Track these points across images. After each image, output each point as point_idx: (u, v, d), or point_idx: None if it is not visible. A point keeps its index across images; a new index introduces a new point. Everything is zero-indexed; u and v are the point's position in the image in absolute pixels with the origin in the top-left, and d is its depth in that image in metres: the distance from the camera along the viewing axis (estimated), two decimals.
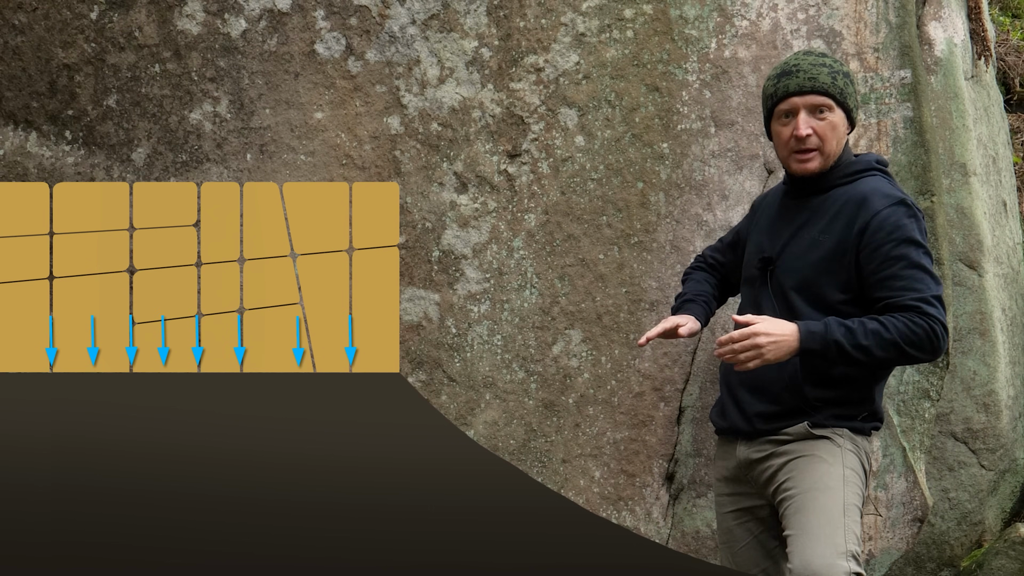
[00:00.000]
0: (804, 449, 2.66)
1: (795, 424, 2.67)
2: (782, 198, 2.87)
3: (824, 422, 2.66)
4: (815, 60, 2.74)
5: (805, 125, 2.69)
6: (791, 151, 2.74)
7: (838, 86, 2.71)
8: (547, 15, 3.30)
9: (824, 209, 2.73)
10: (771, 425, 2.70)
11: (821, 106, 2.71)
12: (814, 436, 2.66)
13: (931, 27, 3.62)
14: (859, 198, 2.69)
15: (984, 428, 3.63)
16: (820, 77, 2.70)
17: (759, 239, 2.85)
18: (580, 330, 3.27)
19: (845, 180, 2.75)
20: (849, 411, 2.68)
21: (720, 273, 3.05)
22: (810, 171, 2.73)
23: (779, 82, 2.75)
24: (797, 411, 2.68)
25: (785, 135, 2.74)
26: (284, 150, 3.23)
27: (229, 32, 3.25)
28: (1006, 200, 3.99)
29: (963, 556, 3.69)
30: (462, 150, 3.28)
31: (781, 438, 2.68)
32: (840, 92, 2.72)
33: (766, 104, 2.81)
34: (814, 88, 2.70)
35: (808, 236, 2.72)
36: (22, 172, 3.25)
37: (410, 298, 3.24)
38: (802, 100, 2.71)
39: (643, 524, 3.26)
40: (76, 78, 3.25)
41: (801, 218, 2.76)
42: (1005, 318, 3.78)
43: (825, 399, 2.67)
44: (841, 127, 2.74)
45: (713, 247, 3.11)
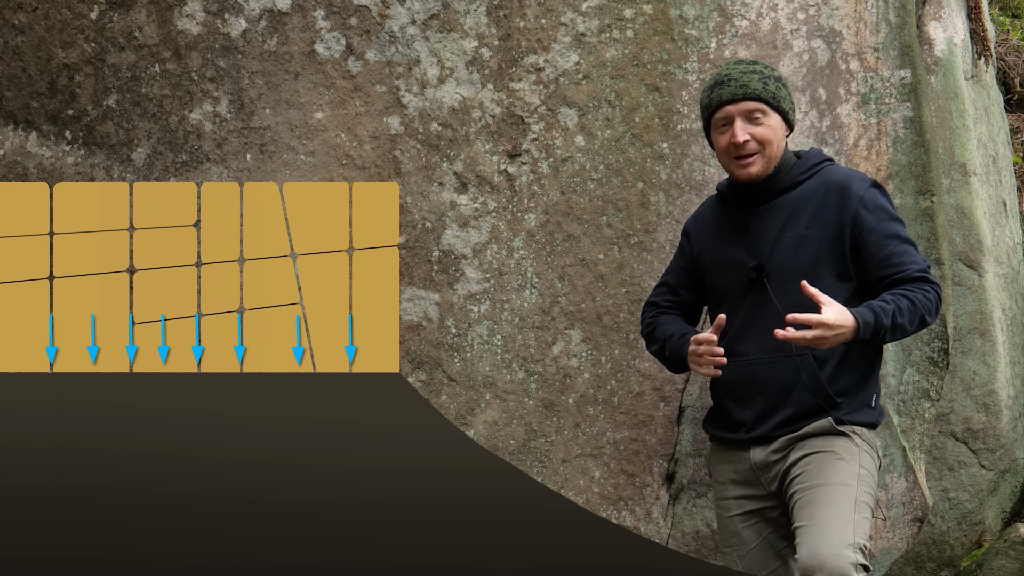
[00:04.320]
0: (823, 445, 2.69)
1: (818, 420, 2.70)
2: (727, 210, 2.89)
3: (844, 419, 2.71)
4: (746, 68, 2.81)
5: (742, 132, 2.76)
6: (731, 158, 2.80)
7: (770, 91, 2.78)
8: (547, 15, 3.30)
9: (801, 205, 2.78)
10: (792, 426, 2.72)
11: (755, 111, 2.77)
12: (836, 432, 2.69)
13: (931, 27, 3.62)
14: (837, 186, 2.77)
15: (984, 428, 3.63)
16: (751, 84, 2.77)
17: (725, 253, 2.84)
18: (580, 330, 3.27)
19: (809, 174, 2.82)
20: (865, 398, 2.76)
21: (681, 311, 3.00)
22: (754, 175, 2.79)
23: (712, 92, 2.82)
24: (818, 410, 2.70)
25: (724, 143, 2.81)
26: (284, 150, 3.23)
27: (229, 32, 3.25)
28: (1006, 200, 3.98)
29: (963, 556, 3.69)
30: (462, 150, 3.28)
31: (802, 434, 2.70)
32: (772, 96, 2.78)
33: (703, 115, 2.87)
34: (746, 95, 2.77)
35: (793, 235, 2.76)
36: (22, 172, 3.25)
37: (410, 298, 3.24)
38: (736, 108, 2.78)
39: (643, 524, 3.26)
40: (76, 78, 3.25)
41: (779, 221, 2.78)
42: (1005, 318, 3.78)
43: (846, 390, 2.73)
44: (779, 130, 2.81)
45: (660, 293, 3.02)
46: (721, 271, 2.85)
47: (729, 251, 2.83)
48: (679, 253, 3.02)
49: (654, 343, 2.96)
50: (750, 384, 2.75)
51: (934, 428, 3.48)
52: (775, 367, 2.73)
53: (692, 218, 3.03)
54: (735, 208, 2.87)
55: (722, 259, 2.85)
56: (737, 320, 2.78)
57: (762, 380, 2.73)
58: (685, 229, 3.02)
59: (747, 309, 2.78)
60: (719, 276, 2.86)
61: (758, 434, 2.75)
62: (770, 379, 2.72)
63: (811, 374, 2.69)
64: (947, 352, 3.34)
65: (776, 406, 2.73)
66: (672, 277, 3.02)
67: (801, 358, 2.70)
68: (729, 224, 2.87)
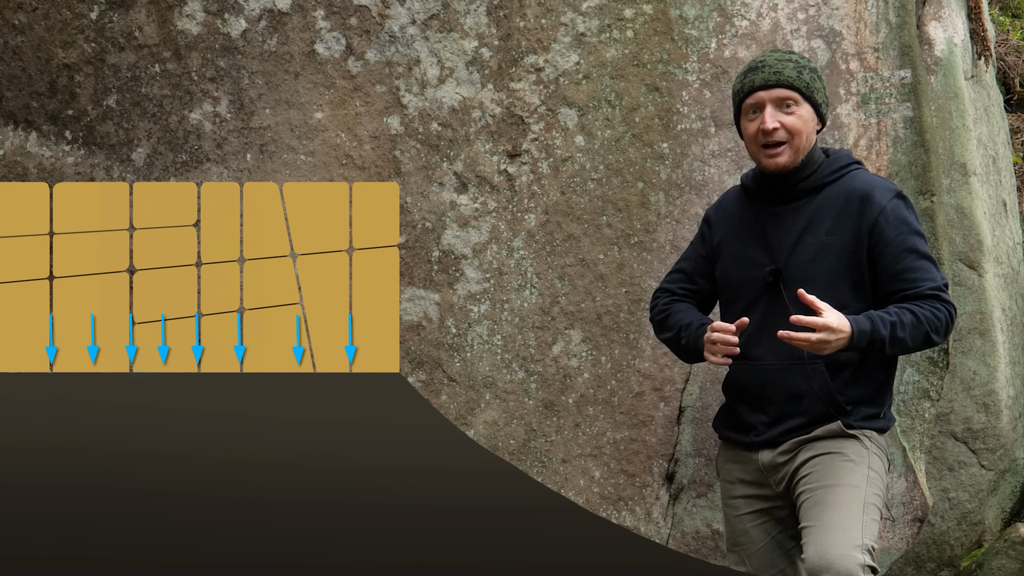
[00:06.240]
0: (832, 447, 2.67)
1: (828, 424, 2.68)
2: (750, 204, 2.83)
3: (855, 423, 2.68)
4: (781, 56, 2.75)
5: (772, 119, 2.69)
6: (759, 146, 2.73)
7: (804, 80, 2.71)
8: (547, 15, 3.30)
9: (824, 209, 2.71)
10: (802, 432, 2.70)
11: (787, 99, 2.70)
12: (846, 435, 2.67)
13: (931, 27, 3.62)
14: (861, 193, 2.69)
15: (984, 428, 3.63)
16: (785, 71, 2.70)
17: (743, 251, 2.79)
18: (580, 330, 3.27)
19: (834, 177, 2.74)
20: (876, 410, 2.72)
21: (695, 300, 2.94)
22: (781, 165, 2.71)
23: (745, 78, 2.75)
24: (829, 417, 2.69)
25: (752, 130, 2.73)
26: (284, 150, 3.23)
27: (229, 32, 3.25)
28: (1006, 200, 3.99)
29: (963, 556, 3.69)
30: (462, 150, 3.28)
31: (810, 437, 2.69)
32: (806, 86, 2.71)
33: (735, 101, 2.80)
34: (779, 82, 2.70)
35: (814, 240, 2.70)
36: (22, 172, 3.25)
37: (410, 298, 3.24)
38: (768, 94, 2.70)
39: (643, 524, 3.26)
40: (76, 78, 3.25)
41: (801, 223, 2.73)
42: (1005, 318, 3.78)
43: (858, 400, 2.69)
44: (810, 121, 2.73)
45: (675, 280, 2.96)
46: (738, 268, 2.80)
47: (747, 249, 2.78)
48: (698, 240, 2.94)
49: (667, 330, 2.88)
50: (762, 389, 2.72)
51: (934, 428, 3.48)
52: (787, 374, 2.70)
53: (714, 206, 2.95)
54: (758, 204, 2.80)
55: (740, 256, 2.80)
56: (752, 322, 2.73)
57: (774, 386, 2.70)
58: (706, 216, 2.94)
59: (761, 312, 2.73)
60: (735, 273, 2.81)
61: (767, 438, 2.73)
62: (782, 386, 2.69)
63: (823, 383, 2.66)
64: (947, 352, 3.34)
65: (787, 412, 2.71)
66: (689, 264, 2.93)
67: (813, 367, 2.67)
68: (751, 220, 2.81)
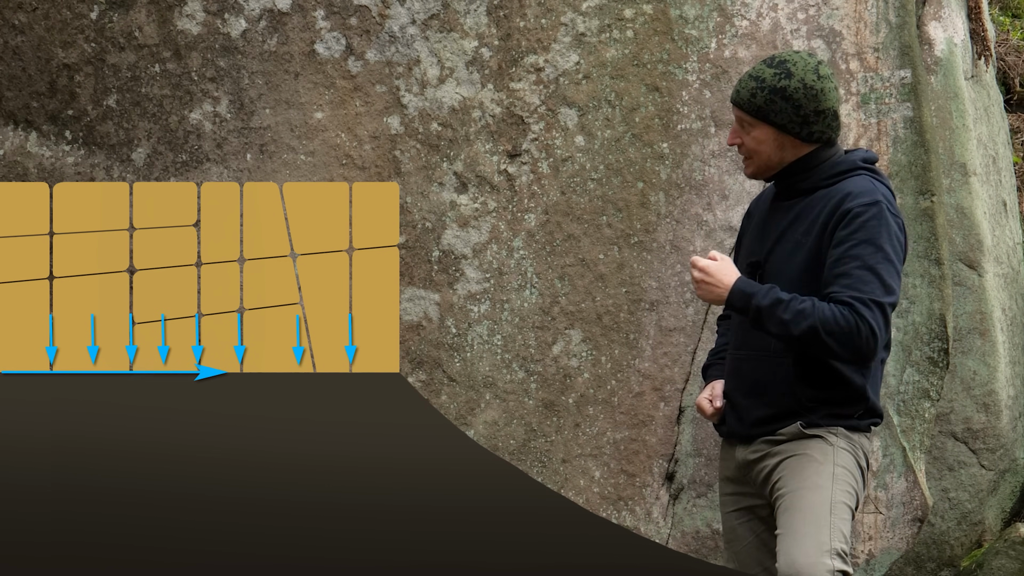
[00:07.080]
0: (796, 449, 2.66)
1: (789, 424, 2.68)
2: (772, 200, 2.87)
3: (818, 421, 2.66)
4: (753, 72, 2.73)
5: (733, 135, 2.76)
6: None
7: (755, 104, 2.68)
8: (547, 15, 3.30)
9: (807, 211, 2.72)
10: (767, 427, 2.71)
11: (742, 120, 2.73)
12: (807, 435, 2.66)
13: (931, 27, 3.62)
14: (839, 197, 2.67)
15: (984, 428, 3.63)
16: (741, 92, 2.71)
17: (750, 243, 2.85)
18: (580, 330, 3.27)
19: (829, 182, 2.73)
20: (844, 410, 2.67)
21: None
22: (749, 175, 2.80)
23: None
24: (792, 412, 2.68)
25: None
26: (284, 150, 3.23)
27: (229, 32, 3.25)
28: (1006, 200, 3.99)
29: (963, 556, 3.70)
30: (462, 150, 3.28)
31: (776, 439, 2.69)
32: (757, 110, 2.69)
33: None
34: (734, 101, 2.74)
35: (792, 239, 2.72)
36: (22, 172, 3.25)
37: (410, 298, 3.24)
38: (734, 109, 2.76)
39: (643, 524, 3.26)
40: (76, 78, 3.25)
41: (786, 221, 2.75)
42: (1005, 318, 3.78)
43: (819, 399, 2.66)
44: (767, 142, 2.71)
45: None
46: (742, 260, 2.84)
47: (752, 243, 2.83)
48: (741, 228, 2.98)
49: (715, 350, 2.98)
50: (738, 379, 2.75)
51: (934, 428, 3.48)
52: (757, 364, 2.72)
53: (754, 200, 2.99)
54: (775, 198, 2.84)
55: (747, 248, 2.85)
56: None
57: (746, 376, 2.72)
58: (749, 206, 2.98)
59: None
60: (740, 264, 2.83)
61: (738, 430, 2.75)
62: (752, 376, 2.71)
63: (785, 375, 2.67)
64: (947, 352, 3.34)
65: (755, 403, 2.72)
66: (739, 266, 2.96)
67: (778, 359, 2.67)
68: (762, 214, 2.85)
